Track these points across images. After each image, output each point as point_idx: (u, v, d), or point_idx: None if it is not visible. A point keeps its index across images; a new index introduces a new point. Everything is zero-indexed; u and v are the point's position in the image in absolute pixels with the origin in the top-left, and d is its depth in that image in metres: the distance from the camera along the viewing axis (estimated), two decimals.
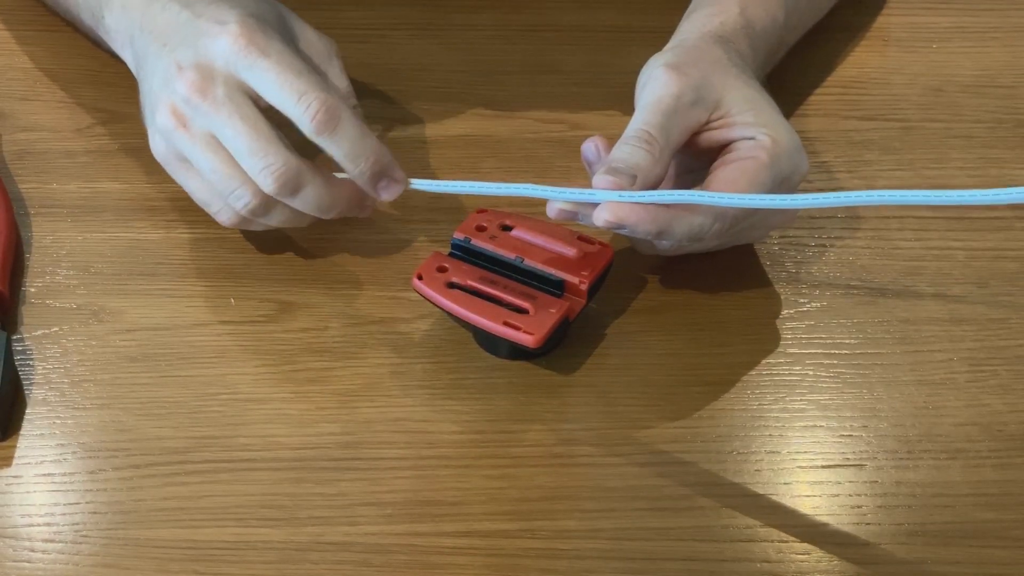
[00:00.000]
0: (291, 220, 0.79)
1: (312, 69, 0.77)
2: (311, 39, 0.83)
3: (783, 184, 0.77)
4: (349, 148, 0.76)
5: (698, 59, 0.79)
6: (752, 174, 0.76)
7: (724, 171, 0.76)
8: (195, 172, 0.78)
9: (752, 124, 0.77)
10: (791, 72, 0.92)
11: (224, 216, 0.79)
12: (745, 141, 0.77)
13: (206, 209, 0.79)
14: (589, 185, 0.75)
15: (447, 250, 0.78)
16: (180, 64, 0.77)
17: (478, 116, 0.90)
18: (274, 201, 0.77)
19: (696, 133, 0.78)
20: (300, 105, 0.75)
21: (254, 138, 0.75)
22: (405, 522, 0.71)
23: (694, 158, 0.79)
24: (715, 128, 0.78)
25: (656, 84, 0.77)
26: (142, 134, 0.88)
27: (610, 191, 0.74)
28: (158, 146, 0.79)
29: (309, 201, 0.77)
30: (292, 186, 0.76)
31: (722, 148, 0.78)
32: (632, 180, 0.74)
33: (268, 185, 0.75)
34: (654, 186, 0.75)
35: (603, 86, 0.91)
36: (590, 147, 0.77)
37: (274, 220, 0.78)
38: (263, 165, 0.75)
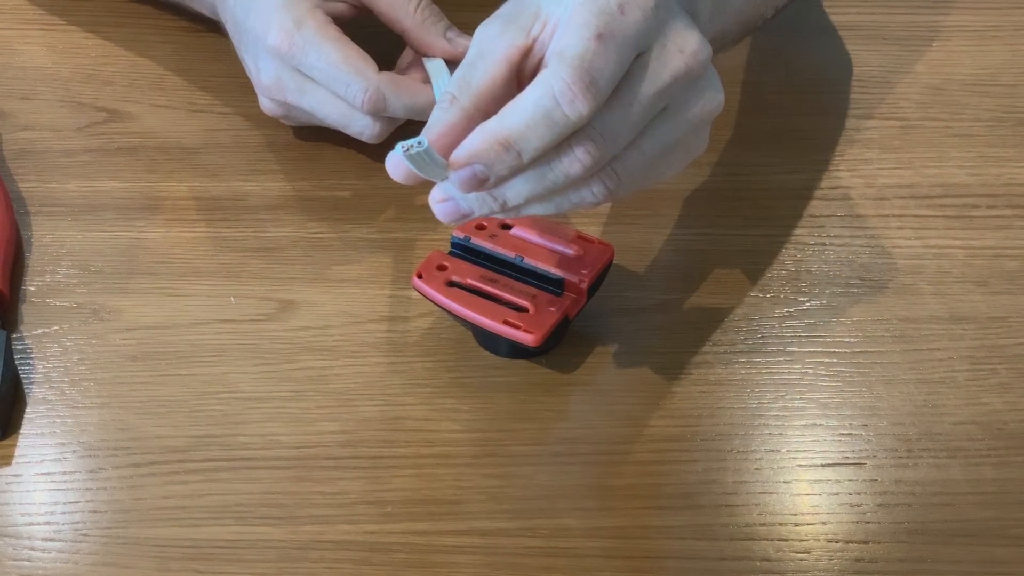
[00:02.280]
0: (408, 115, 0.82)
1: (351, 50, 0.81)
2: None
3: (623, 9, 0.63)
4: (405, 113, 0.82)
5: None
6: (568, 27, 0.63)
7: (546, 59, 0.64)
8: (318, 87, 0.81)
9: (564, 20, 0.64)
10: (791, 70, 0.92)
11: (366, 131, 0.82)
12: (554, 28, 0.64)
13: (345, 130, 0.83)
14: None
15: (447, 249, 0.78)
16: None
17: None
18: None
19: (523, 59, 0.65)
20: (349, 95, 0.80)
21: (340, 68, 0.80)
22: (405, 520, 0.71)
23: None
24: (544, 42, 0.65)
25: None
26: (143, 133, 0.88)
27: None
28: (267, 104, 0.84)
29: (401, 113, 0.82)
30: (378, 105, 0.80)
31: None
32: (451, 99, 0.65)
33: (361, 107, 0.81)
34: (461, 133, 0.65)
35: None
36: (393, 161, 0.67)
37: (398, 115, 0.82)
38: (357, 91, 0.80)
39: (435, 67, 0.84)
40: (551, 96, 0.62)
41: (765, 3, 0.85)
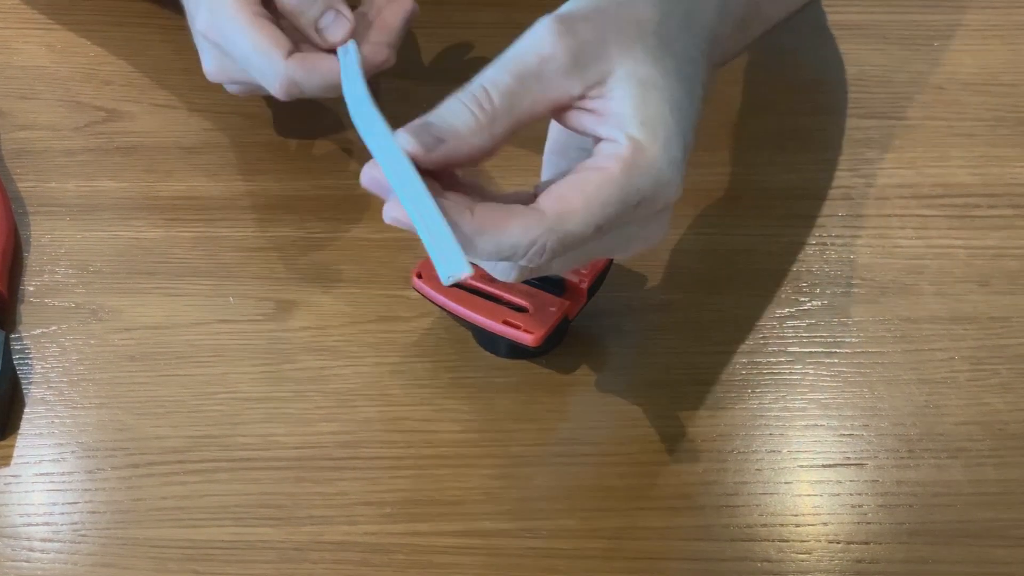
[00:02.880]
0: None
1: (261, 35, 0.78)
2: None
3: (639, 208, 0.63)
4: (323, 93, 0.79)
5: (607, 15, 0.64)
6: (593, 190, 0.62)
7: (564, 181, 0.63)
8: None
9: (623, 118, 0.63)
10: (790, 70, 0.92)
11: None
12: (607, 143, 0.63)
13: None
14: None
15: None
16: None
17: None
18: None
19: (563, 109, 0.64)
20: (265, 83, 0.79)
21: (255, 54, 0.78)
22: (405, 521, 0.71)
23: (576, 138, 0.66)
24: (586, 111, 0.64)
25: (530, 36, 0.64)
26: (141, 133, 0.88)
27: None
28: (207, 58, 0.82)
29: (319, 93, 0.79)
30: (293, 91, 0.78)
31: (596, 142, 0.64)
32: (436, 144, 0.62)
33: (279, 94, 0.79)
34: (472, 158, 0.63)
35: None
36: (370, 175, 0.65)
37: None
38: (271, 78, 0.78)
39: (345, 52, 0.78)
40: (526, 250, 0.62)
41: (787, 8, 0.85)
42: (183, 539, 0.70)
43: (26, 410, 0.75)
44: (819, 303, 0.80)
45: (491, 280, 0.76)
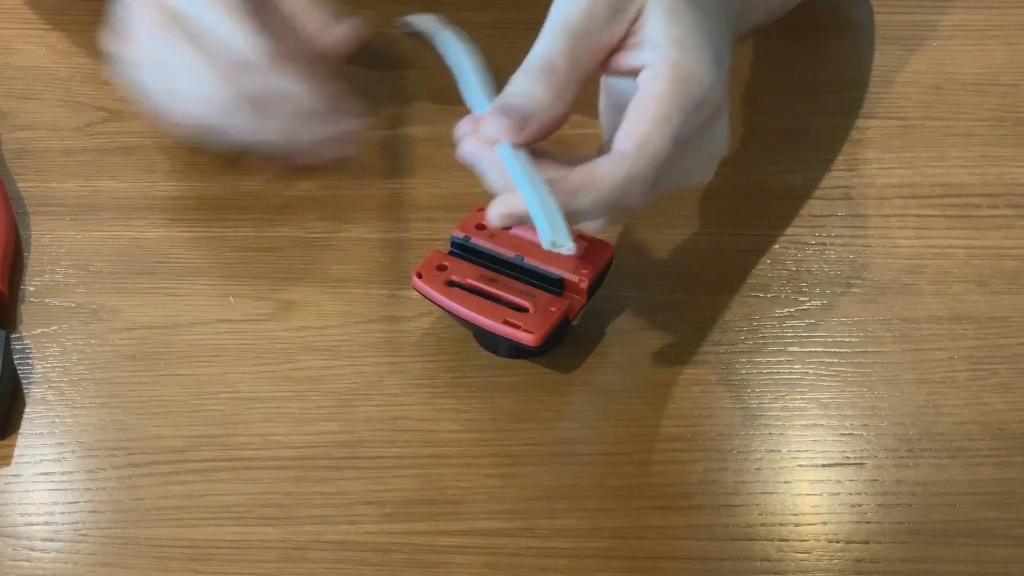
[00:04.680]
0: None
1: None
2: None
3: (698, 112, 0.68)
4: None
5: None
6: (653, 111, 0.67)
7: (625, 120, 0.67)
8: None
9: (656, 41, 0.68)
10: (791, 70, 0.92)
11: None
12: (647, 69, 0.68)
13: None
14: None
15: (447, 248, 0.78)
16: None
17: None
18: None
19: (614, 52, 0.69)
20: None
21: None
22: (405, 521, 0.71)
23: (621, 80, 0.70)
24: (627, 48, 0.69)
25: (565, 0, 0.68)
26: (142, 133, 0.88)
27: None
28: None
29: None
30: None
31: (636, 72, 0.69)
32: (525, 118, 0.67)
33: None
34: (554, 127, 0.68)
35: None
36: (470, 147, 0.70)
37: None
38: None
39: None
40: (626, 189, 0.67)
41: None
42: (183, 539, 0.70)
43: (26, 410, 0.75)
44: (819, 303, 0.80)
45: (491, 280, 0.76)
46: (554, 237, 0.66)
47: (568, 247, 0.66)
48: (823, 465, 0.74)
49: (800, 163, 0.87)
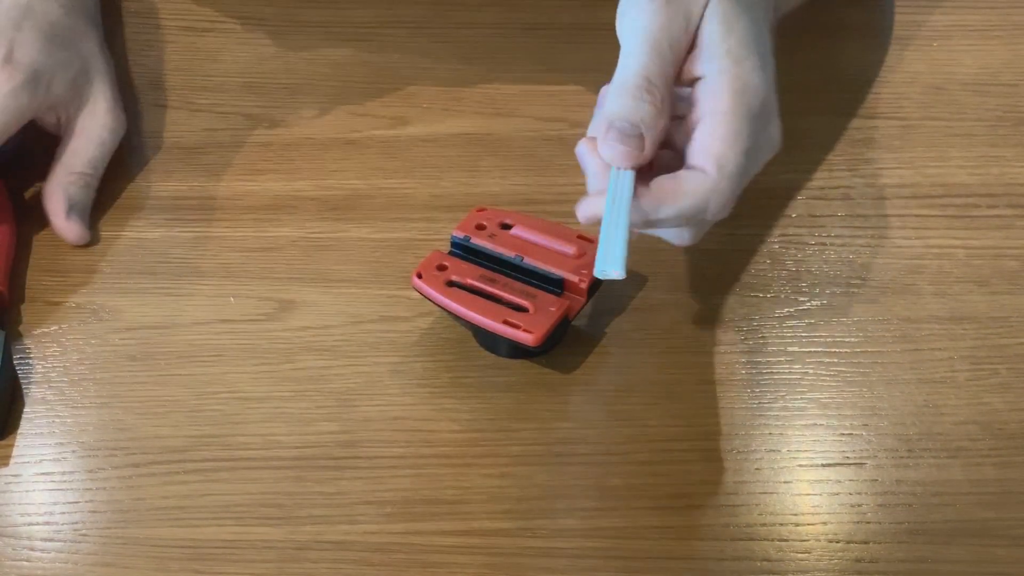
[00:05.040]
0: None
1: None
2: (99, 111, 0.84)
3: (758, 120, 0.71)
4: None
5: None
6: (724, 128, 0.70)
7: (696, 139, 0.70)
8: None
9: (712, 52, 0.71)
10: (791, 70, 0.92)
11: None
12: (704, 82, 0.71)
13: None
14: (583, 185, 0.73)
15: (447, 248, 0.78)
16: None
17: (478, 115, 0.90)
18: None
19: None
20: None
21: None
22: (405, 521, 0.71)
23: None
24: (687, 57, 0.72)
25: (641, 14, 0.71)
26: (142, 132, 0.88)
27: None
28: None
29: None
30: None
31: (693, 82, 0.72)
32: (641, 140, 0.70)
33: None
34: (660, 139, 0.71)
35: (603, 84, 0.91)
36: (584, 149, 0.72)
37: None
38: None
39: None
40: (705, 205, 0.70)
41: None
42: (184, 538, 0.70)
43: (27, 410, 0.75)
44: (818, 303, 0.80)
45: (491, 280, 0.76)
46: (605, 267, 0.69)
47: (616, 275, 0.69)
48: (823, 465, 0.74)
49: (800, 163, 0.87)
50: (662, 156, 0.73)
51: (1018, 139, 0.89)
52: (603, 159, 0.71)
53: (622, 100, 0.70)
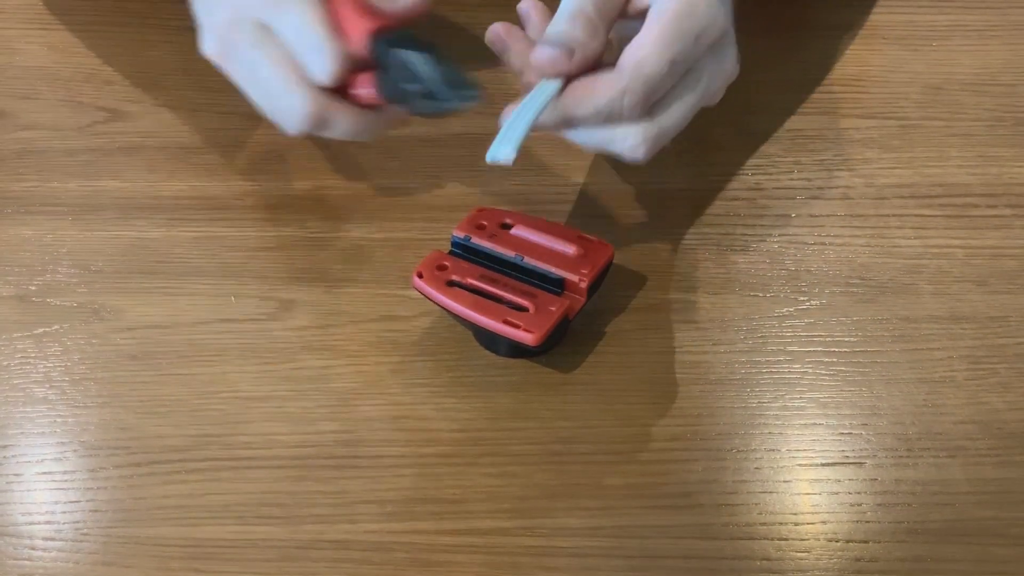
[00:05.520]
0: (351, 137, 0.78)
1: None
2: None
3: (699, 40, 0.75)
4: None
5: None
6: (656, 35, 0.73)
7: (633, 41, 0.74)
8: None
9: None
10: (791, 70, 0.92)
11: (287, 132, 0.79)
12: (653, 6, 0.75)
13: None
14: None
15: (447, 248, 0.78)
16: None
17: (478, 115, 0.90)
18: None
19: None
20: (317, 59, 0.75)
21: (278, 80, 0.75)
22: (405, 520, 0.71)
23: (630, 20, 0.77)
24: None
25: None
26: (143, 133, 0.88)
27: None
28: (211, 48, 0.79)
29: (345, 134, 0.77)
30: (317, 126, 0.76)
31: (644, 12, 0.75)
32: (570, 54, 0.74)
33: (291, 125, 0.76)
34: (591, 62, 0.74)
35: None
36: (524, 7, 0.77)
37: (335, 136, 0.78)
38: (287, 107, 0.76)
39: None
40: (620, 103, 0.73)
41: None
42: (185, 538, 0.70)
43: (28, 409, 0.75)
44: (818, 302, 0.80)
45: (491, 280, 0.76)
46: (496, 152, 0.72)
47: (504, 161, 0.72)
48: (822, 464, 0.74)
49: (799, 163, 0.87)
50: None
51: (1017, 139, 0.89)
52: (536, 65, 0.75)
53: (556, 24, 0.75)
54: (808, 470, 0.74)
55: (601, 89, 0.74)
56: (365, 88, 0.76)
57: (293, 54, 0.75)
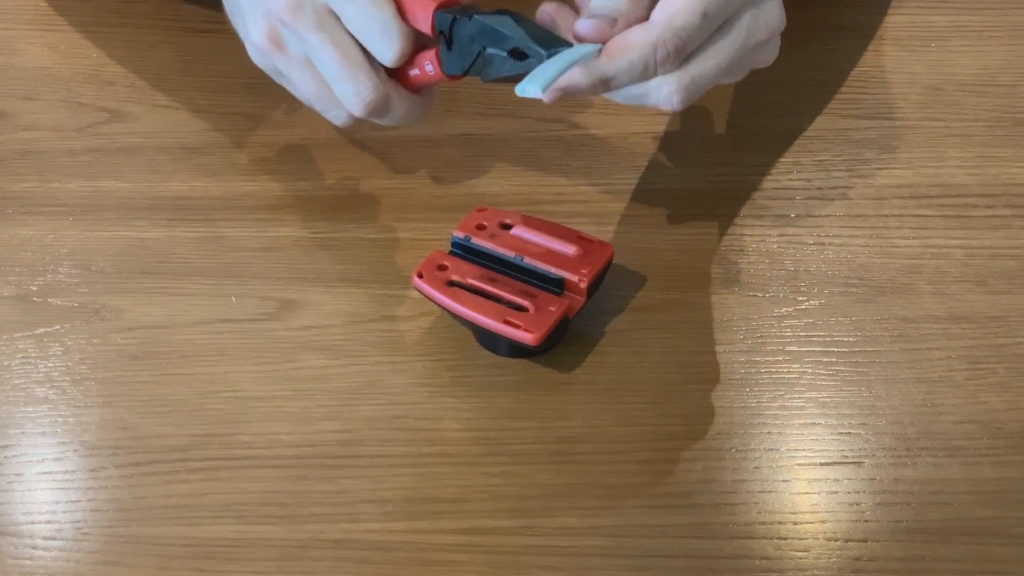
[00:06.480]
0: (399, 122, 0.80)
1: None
2: None
3: None
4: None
5: None
6: None
7: None
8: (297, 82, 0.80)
9: None
10: (790, 70, 0.92)
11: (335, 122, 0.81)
12: None
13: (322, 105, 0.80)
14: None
15: (447, 248, 0.78)
16: None
17: (478, 115, 0.90)
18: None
19: None
20: (383, 41, 0.76)
21: (344, 64, 0.77)
22: (405, 519, 0.71)
23: None
24: None
25: None
26: (144, 133, 0.88)
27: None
28: (256, 57, 0.81)
29: (398, 119, 0.79)
30: (380, 110, 0.78)
31: None
32: (613, 24, 0.74)
33: (357, 110, 0.77)
34: (631, 23, 0.74)
35: None
36: (547, 10, 0.76)
37: (383, 123, 0.80)
38: (352, 92, 0.77)
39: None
40: (653, 57, 0.73)
41: None
42: (185, 537, 0.70)
43: (29, 409, 0.75)
44: (817, 302, 0.80)
45: (491, 280, 0.76)
46: (527, 84, 0.70)
47: (534, 93, 0.70)
48: (821, 464, 0.74)
49: (799, 163, 0.88)
50: None
51: (1016, 139, 0.89)
52: (581, 35, 0.74)
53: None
54: (807, 469, 0.74)
55: (634, 43, 0.73)
56: (426, 66, 0.77)
57: (358, 36, 0.77)
